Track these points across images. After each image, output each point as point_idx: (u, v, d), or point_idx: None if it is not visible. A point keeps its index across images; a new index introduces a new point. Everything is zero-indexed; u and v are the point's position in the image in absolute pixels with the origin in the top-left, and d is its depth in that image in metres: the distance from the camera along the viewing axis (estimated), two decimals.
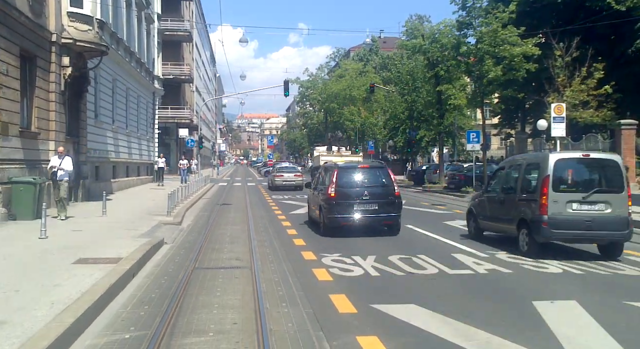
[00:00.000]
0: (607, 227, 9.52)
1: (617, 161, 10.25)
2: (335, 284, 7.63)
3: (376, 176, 13.08)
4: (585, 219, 9.50)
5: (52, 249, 9.25)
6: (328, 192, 12.48)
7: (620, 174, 9.94)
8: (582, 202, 9.64)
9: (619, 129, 26.38)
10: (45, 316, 5.41)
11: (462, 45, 28.35)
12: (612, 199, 9.69)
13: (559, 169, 9.90)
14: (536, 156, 12.20)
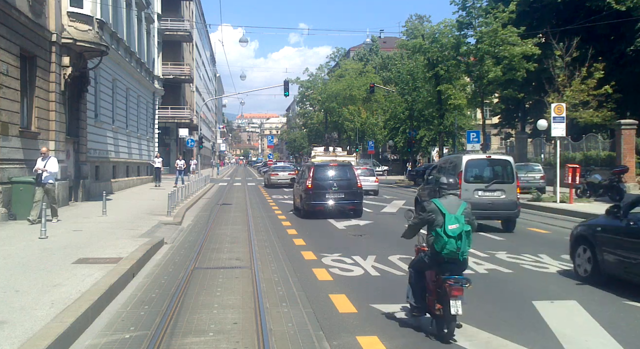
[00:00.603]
0: (502, 208, 13.05)
1: (509, 160, 13.83)
2: (335, 284, 7.63)
3: (344, 172, 16.46)
4: (487, 202, 13.02)
5: (52, 249, 9.25)
6: (306, 184, 15.99)
7: (512, 170, 13.51)
8: (485, 190, 13.29)
9: (619, 129, 26.37)
10: (45, 316, 5.41)
11: (462, 45, 28.39)
12: (505, 188, 13.30)
13: (469, 166, 13.46)
14: (456, 157, 14.95)
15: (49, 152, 13.74)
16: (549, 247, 10.82)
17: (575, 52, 26.43)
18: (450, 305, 5.12)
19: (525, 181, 25.31)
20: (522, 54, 25.97)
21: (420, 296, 5.62)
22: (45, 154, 13.39)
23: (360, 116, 56.64)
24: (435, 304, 5.40)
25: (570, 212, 16.93)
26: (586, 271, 7.95)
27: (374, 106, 56.24)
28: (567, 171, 19.59)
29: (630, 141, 26.20)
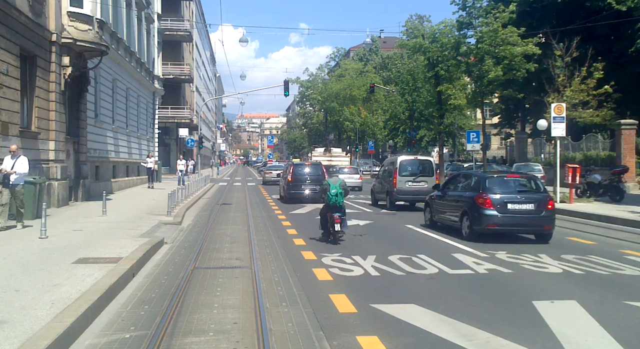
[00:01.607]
0: (425, 193, 16.42)
1: (431, 160, 20.69)
2: (335, 284, 7.63)
3: (315, 169, 22.49)
4: (414, 190, 18.66)
5: (52, 249, 9.25)
6: (288, 178, 22.06)
7: (432, 167, 19.62)
8: (413, 182, 18.80)
9: (619, 129, 26.40)
10: (45, 316, 5.41)
11: (462, 45, 28.36)
12: (427, 179, 18.75)
13: (402, 165, 19.16)
14: (395, 158, 20.55)
15: (18, 151, 12.28)
16: (549, 247, 10.82)
17: (575, 52, 26.42)
18: (334, 226, 11.05)
19: None
20: (523, 54, 25.95)
21: (325, 227, 11.54)
22: (14, 153, 11.90)
23: (360, 116, 56.63)
24: (330, 227, 11.19)
25: (570, 212, 16.94)
26: (427, 220, 14.16)
27: (374, 106, 56.23)
28: (567, 171, 19.59)
29: (630, 141, 26.21)
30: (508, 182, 12.15)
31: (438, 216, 13.37)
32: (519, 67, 26.24)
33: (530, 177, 12.93)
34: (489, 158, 33.66)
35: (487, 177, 12.07)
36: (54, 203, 16.15)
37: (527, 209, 11.36)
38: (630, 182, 25.19)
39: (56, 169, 16.48)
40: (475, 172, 15.88)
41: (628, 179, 24.48)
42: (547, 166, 27.84)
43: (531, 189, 12.02)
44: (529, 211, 11.35)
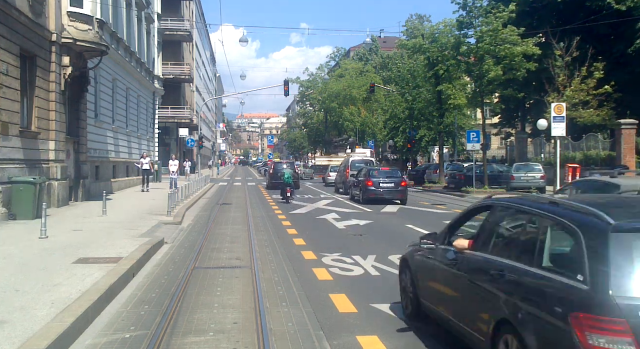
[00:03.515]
0: None
1: (372, 161, 31.46)
2: (336, 284, 7.63)
3: (290, 165, 31.66)
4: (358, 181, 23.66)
5: (52, 249, 9.25)
6: (270, 172, 32.97)
7: (373, 164, 28.25)
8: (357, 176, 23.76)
9: (619, 129, 26.39)
10: (45, 316, 5.41)
11: (462, 44, 28.33)
12: None
13: (352, 163, 27.73)
14: (348, 159, 29.93)
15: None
16: None
17: (575, 52, 26.43)
18: (288, 194, 21.75)
19: (525, 181, 25.35)
20: (523, 53, 25.94)
21: (283, 194, 21.94)
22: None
23: (360, 116, 56.62)
24: (285, 195, 21.74)
25: None
26: (353, 195, 23.40)
27: (374, 106, 56.21)
28: (567, 171, 19.61)
29: (630, 141, 26.20)
30: (381, 171, 22.55)
31: (353, 192, 23.64)
32: (519, 66, 26.22)
33: (393, 168, 25.44)
34: (489, 158, 33.64)
35: (370, 169, 22.86)
36: (54, 203, 16.15)
37: (390, 186, 21.23)
38: None
39: (56, 169, 16.48)
40: (368, 167, 24.61)
41: None
42: (547, 165, 27.84)
43: (394, 175, 22.03)
44: (391, 187, 21.26)
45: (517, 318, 3.74)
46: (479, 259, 4.55)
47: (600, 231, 3.44)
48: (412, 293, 5.85)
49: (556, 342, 3.36)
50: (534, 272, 3.79)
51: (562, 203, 4.05)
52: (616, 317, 3.09)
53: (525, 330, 3.63)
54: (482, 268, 4.42)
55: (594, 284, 3.25)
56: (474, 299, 4.45)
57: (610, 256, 3.29)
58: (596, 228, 3.48)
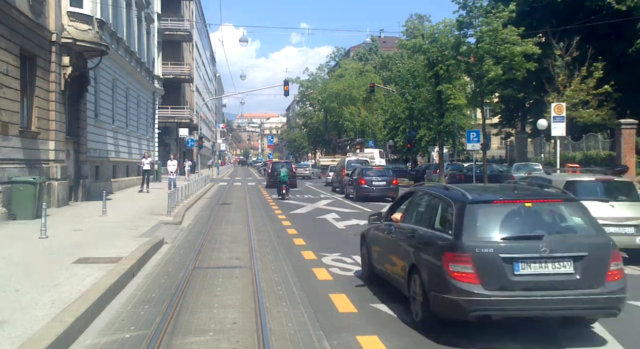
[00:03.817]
0: None
1: (367, 160, 32.02)
2: (336, 284, 7.63)
3: (287, 165, 30.51)
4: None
5: (52, 249, 9.25)
6: (268, 171, 35.44)
7: (368, 163, 29.53)
8: (350, 175, 25.02)
9: (619, 129, 26.36)
10: (45, 316, 5.41)
11: (462, 44, 28.32)
12: None
13: (348, 163, 29.26)
14: (344, 160, 31.86)
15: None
16: None
17: (575, 52, 26.41)
18: (283, 191, 23.73)
19: None
20: (523, 53, 25.93)
21: (279, 191, 24.07)
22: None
23: (360, 116, 56.62)
24: (281, 192, 23.82)
25: None
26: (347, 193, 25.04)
27: (374, 106, 56.22)
28: (567, 171, 19.56)
29: (630, 141, 26.18)
30: (374, 171, 23.92)
31: (347, 191, 24.99)
32: (519, 66, 26.19)
33: (386, 168, 27.04)
34: (489, 158, 33.64)
35: (363, 168, 24.30)
36: (54, 203, 16.15)
37: (382, 184, 22.52)
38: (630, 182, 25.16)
39: (56, 169, 16.48)
40: (362, 166, 26.18)
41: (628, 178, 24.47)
42: (547, 165, 27.81)
43: (386, 174, 23.40)
44: (383, 186, 22.67)
45: (419, 262, 5.77)
46: (403, 227, 6.69)
47: (462, 203, 5.56)
48: (367, 259, 7.81)
49: (437, 273, 5.35)
50: (428, 231, 5.98)
51: (449, 187, 6.41)
52: (464, 253, 5.16)
53: (422, 269, 5.64)
54: (403, 232, 6.55)
55: (455, 235, 5.36)
56: (398, 254, 6.51)
57: (464, 218, 5.40)
58: (460, 201, 5.61)
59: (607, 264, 5.23)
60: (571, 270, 5.16)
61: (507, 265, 5.12)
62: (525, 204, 5.56)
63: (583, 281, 5.13)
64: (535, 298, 5.08)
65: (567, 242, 5.30)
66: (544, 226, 5.49)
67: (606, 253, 5.29)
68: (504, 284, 5.09)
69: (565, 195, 6.14)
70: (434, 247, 5.60)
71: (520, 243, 5.26)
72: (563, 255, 5.17)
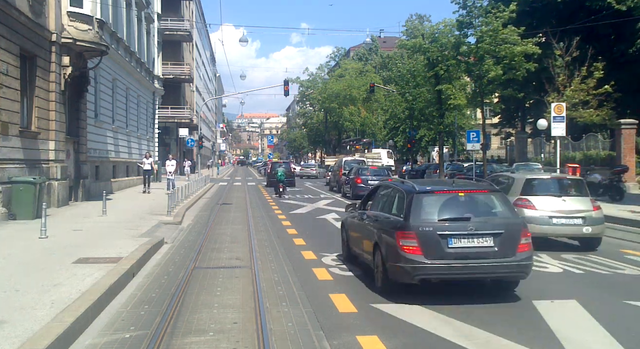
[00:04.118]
0: None
1: (364, 160, 33.98)
2: (336, 284, 7.63)
3: (286, 165, 33.98)
4: None
5: (52, 249, 9.25)
6: (268, 171, 36.73)
7: (364, 163, 30.67)
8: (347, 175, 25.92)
9: (619, 129, 26.37)
10: (45, 316, 5.41)
11: (462, 44, 28.31)
12: None
13: (345, 163, 30.44)
14: (341, 159, 33.07)
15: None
16: (549, 246, 10.81)
17: (575, 52, 26.42)
18: (280, 190, 25.18)
19: None
20: (523, 53, 25.93)
21: (276, 190, 25.47)
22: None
23: (360, 116, 56.61)
24: (279, 190, 25.13)
25: None
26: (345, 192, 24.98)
27: (374, 106, 56.21)
28: (567, 171, 19.60)
29: (630, 141, 26.19)
30: (370, 170, 25.36)
31: (344, 189, 25.92)
32: (519, 66, 26.19)
33: (381, 167, 28.62)
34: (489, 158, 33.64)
35: (360, 168, 25.68)
36: (54, 203, 16.15)
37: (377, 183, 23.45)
38: (630, 181, 25.16)
39: (56, 169, 16.47)
40: (359, 166, 27.47)
41: (628, 178, 24.46)
42: (547, 165, 27.82)
43: (381, 174, 24.29)
44: None
45: (380, 241, 7.24)
46: (370, 214, 8.26)
47: (411, 193, 7.13)
48: (346, 242, 9.41)
49: (391, 248, 6.83)
50: (387, 216, 7.57)
51: (404, 181, 8.48)
52: (409, 231, 6.66)
53: (382, 245, 7.13)
54: (370, 218, 8.12)
55: (404, 217, 6.90)
56: (366, 236, 7.97)
57: (412, 204, 6.92)
58: (410, 192, 7.19)
59: (518, 239, 6.82)
60: (491, 244, 6.71)
61: (443, 240, 6.64)
62: (459, 194, 7.22)
63: (500, 252, 6.68)
64: (464, 265, 6.63)
65: (488, 223, 6.87)
66: (472, 211, 7.01)
67: (518, 231, 6.88)
68: (441, 254, 6.60)
69: (490, 187, 7.88)
70: (390, 228, 7.09)
71: (453, 223, 6.77)
72: (485, 232, 6.72)
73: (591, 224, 10.43)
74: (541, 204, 10.61)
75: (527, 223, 8.23)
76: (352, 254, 8.99)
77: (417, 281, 6.69)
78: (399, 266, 6.67)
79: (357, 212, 9.02)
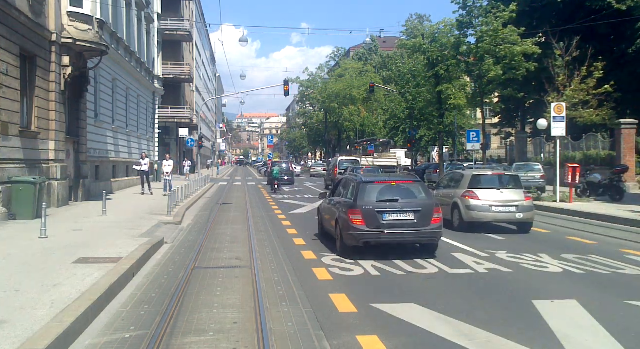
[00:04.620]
0: None
1: (358, 160, 34.83)
2: (336, 284, 7.63)
3: (287, 164, 40.55)
4: None
5: (52, 249, 9.25)
6: (268, 170, 35.71)
7: (358, 163, 33.13)
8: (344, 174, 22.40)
9: (619, 129, 26.38)
10: (45, 316, 5.41)
11: (462, 44, 28.32)
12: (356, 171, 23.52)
13: (340, 163, 33.12)
14: (335, 159, 35.40)
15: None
16: (549, 246, 10.82)
17: (575, 52, 26.39)
18: (275, 186, 28.32)
19: (525, 181, 25.33)
20: (523, 53, 25.94)
21: (272, 186, 28.65)
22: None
23: (360, 116, 56.59)
24: (274, 186, 28.27)
25: (570, 212, 16.93)
26: None
27: (374, 106, 56.20)
28: (567, 171, 19.59)
29: (630, 141, 26.20)
30: (365, 169, 26.09)
31: None
32: (519, 66, 26.21)
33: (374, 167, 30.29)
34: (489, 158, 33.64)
35: (354, 167, 27.75)
36: (54, 203, 16.15)
37: None
38: (630, 181, 25.18)
39: (56, 169, 16.48)
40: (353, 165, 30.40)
41: (628, 178, 24.47)
42: (547, 165, 27.83)
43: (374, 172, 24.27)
44: None
45: (339, 217, 9.89)
46: (334, 199, 10.97)
47: (359, 182, 9.89)
48: (320, 223, 12.24)
49: (345, 221, 9.47)
50: (345, 200, 10.11)
51: (357, 174, 11.88)
52: (357, 209, 9.36)
53: (340, 220, 9.75)
54: (334, 202, 10.87)
55: (354, 200, 9.60)
56: (332, 216, 10.62)
57: (358, 191, 9.65)
58: (358, 181, 9.96)
59: (432, 215, 9.53)
60: (413, 218, 9.44)
61: (379, 215, 9.39)
62: (392, 183, 10.13)
63: (419, 223, 9.41)
64: (394, 233, 9.42)
65: (411, 203, 9.63)
66: (400, 195, 9.78)
67: (431, 209, 9.61)
68: (377, 225, 9.33)
69: (414, 179, 11.00)
70: (345, 208, 9.78)
71: (386, 203, 9.55)
72: (408, 210, 9.48)
73: (523, 211, 12.75)
74: (484, 195, 13.00)
75: (472, 211, 12.68)
76: (325, 231, 11.67)
77: (362, 244, 9.35)
78: (349, 234, 9.37)
79: (327, 199, 11.81)
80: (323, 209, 11.86)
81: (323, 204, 12.05)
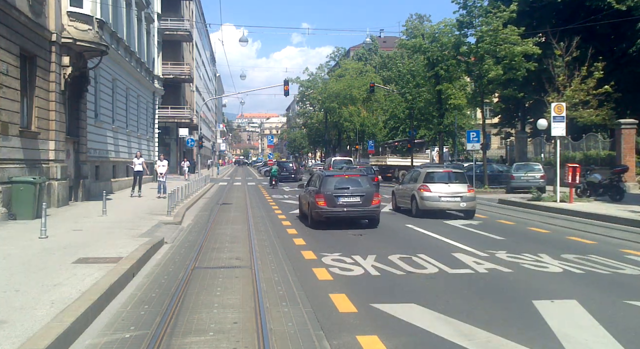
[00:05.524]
0: None
1: (351, 160, 41.44)
2: (336, 284, 7.63)
3: (288, 162, 49.41)
4: None
5: (52, 249, 9.25)
6: (268, 169, 41.87)
7: (352, 163, 38.52)
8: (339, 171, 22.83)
9: (619, 129, 26.39)
10: (45, 316, 5.41)
11: (462, 44, 28.35)
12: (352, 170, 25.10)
13: (334, 162, 36.37)
14: (330, 159, 39.38)
15: None
16: (549, 246, 10.82)
17: (575, 52, 26.39)
18: (273, 183, 33.00)
19: (525, 181, 25.33)
20: (523, 53, 25.95)
21: (269, 182, 33.74)
22: None
23: (360, 116, 56.61)
24: (272, 183, 33.13)
25: (570, 212, 16.93)
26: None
27: (374, 106, 56.21)
28: (567, 171, 19.58)
29: (630, 141, 26.21)
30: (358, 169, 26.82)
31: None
32: (519, 66, 26.23)
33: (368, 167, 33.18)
34: (489, 158, 33.62)
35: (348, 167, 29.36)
36: (54, 203, 16.16)
37: None
38: (630, 181, 25.18)
39: (56, 169, 16.48)
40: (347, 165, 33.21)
41: (628, 178, 24.47)
42: (547, 165, 27.83)
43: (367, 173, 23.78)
44: None
45: (310, 201, 14.09)
46: (309, 188, 14.95)
47: (322, 176, 14.36)
48: (299, 207, 16.20)
49: (313, 203, 13.74)
50: (313, 188, 14.38)
51: (323, 171, 17.21)
52: (320, 194, 13.58)
53: (310, 203, 14.03)
54: (308, 190, 14.86)
55: (319, 187, 13.88)
56: (305, 200, 14.83)
57: (322, 181, 13.98)
58: (322, 175, 14.49)
59: (372, 198, 13.57)
60: (359, 200, 13.45)
61: (336, 198, 13.37)
62: (345, 176, 14.42)
63: (363, 204, 13.46)
64: (346, 211, 13.43)
65: (358, 190, 13.63)
66: (351, 185, 13.81)
67: (372, 194, 13.67)
68: (335, 205, 13.34)
69: (362, 173, 16.20)
70: (313, 193, 13.74)
71: (341, 190, 13.53)
72: (356, 194, 13.49)
73: (466, 201, 15.75)
74: (435, 188, 15.96)
75: (425, 200, 15.79)
76: (302, 214, 15.44)
77: (324, 219, 13.36)
78: (316, 212, 13.44)
79: (304, 188, 15.84)
80: (301, 196, 15.75)
81: (301, 192, 16.09)
